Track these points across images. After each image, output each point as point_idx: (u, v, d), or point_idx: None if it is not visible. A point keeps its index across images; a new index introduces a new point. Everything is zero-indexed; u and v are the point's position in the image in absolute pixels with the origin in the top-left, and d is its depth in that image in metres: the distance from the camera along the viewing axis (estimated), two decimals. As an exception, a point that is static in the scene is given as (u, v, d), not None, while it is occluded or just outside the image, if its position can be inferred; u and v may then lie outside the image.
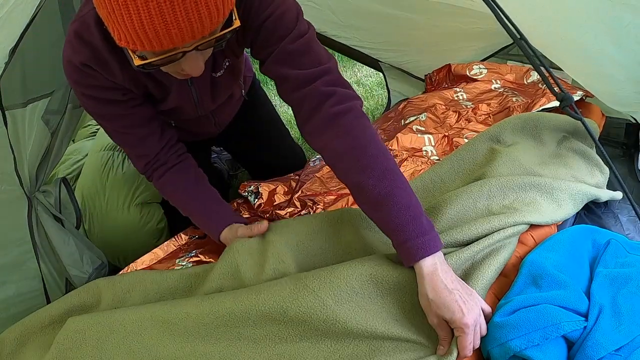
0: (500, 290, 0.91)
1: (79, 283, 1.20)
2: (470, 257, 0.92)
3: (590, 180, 1.21)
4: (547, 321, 0.75)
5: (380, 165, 0.90)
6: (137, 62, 0.78)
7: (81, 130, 1.99)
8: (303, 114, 0.98)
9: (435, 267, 0.82)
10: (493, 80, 1.78)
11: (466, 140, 1.41)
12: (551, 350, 0.74)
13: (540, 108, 1.47)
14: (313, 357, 0.83)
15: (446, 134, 1.50)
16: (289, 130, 1.77)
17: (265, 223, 1.10)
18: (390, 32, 2.11)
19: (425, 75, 2.00)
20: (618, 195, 1.19)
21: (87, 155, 1.76)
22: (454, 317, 0.78)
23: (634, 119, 1.44)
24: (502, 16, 0.90)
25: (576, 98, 1.47)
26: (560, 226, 1.13)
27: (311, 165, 1.55)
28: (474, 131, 1.49)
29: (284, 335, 0.86)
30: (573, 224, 1.17)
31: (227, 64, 1.11)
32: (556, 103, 1.43)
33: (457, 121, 1.59)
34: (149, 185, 1.54)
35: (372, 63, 2.42)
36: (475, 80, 1.79)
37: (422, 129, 1.56)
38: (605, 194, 1.18)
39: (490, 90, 1.71)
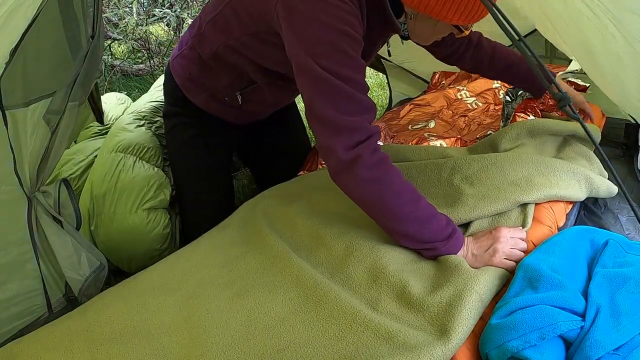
0: (498, 295, 0.92)
1: (76, 286, 1.20)
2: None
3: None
4: (543, 321, 0.75)
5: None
6: (465, 33, 1.06)
7: (83, 131, 1.99)
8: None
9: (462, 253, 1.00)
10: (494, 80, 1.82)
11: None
12: (548, 351, 0.74)
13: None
14: (321, 344, 0.84)
15: (458, 136, 1.53)
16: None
17: None
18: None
19: (434, 73, 2.03)
20: (614, 189, 1.20)
21: (90, 155, 1.76)
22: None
23: (634, 119, 1.44)
24: (500, 17, 0.90)
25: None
26: (562, 228, 1.13)
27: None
28: (484, 135, 1.52)
29: (293, 323, 0.90)
30: (574, 225, 1.18)
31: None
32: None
33: (466, 125, 1.63)
34: (157, 190, 1.55)
35: (374, 63, 2.42)
36: (477, 80, 1.83)
37: (435, 134, 1.60)
38: (604, 184, 1.19)
39: (491, 89, 1.75)
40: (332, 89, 0.94)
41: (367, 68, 3.13)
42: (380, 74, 2.53)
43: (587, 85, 1.52)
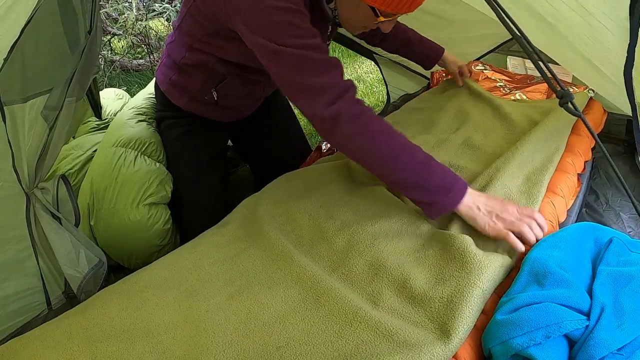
0: (502, 288, 0.91)
1: (74, 283, 1.20)
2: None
3: None
4: (549, 320, 0.74)
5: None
6: (381, 19, 1.07)
7: (82, 126, 1.98)
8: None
9: (466, 206, 0.98)
10: (497, 80, 1.80)
11: None
12: (553, 349, 0.73)
13: None
14: (320, 342, 0.84)
15: None
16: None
17: None
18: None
19: (432, 73, 2.01)
20: None
21: (88, 150, 1.75)
22: (485, 230, 0.96)
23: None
24: (502, 13, 0.90)
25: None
26: (562, 224, 1.13)
27: (323, 147, 1.65)
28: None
29: (293, 320, 0.89)
30: (575, 222, 1.17)
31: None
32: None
33: None
34: (159, 185, 1.54)
35: (367, 55, 2.42)
36: (477, 80, 1.81)
37: None
38: None
39: (495, 88, 1.74)
40: (294, 58, 1.01)
41: (367, 64, 3.13)
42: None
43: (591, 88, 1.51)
